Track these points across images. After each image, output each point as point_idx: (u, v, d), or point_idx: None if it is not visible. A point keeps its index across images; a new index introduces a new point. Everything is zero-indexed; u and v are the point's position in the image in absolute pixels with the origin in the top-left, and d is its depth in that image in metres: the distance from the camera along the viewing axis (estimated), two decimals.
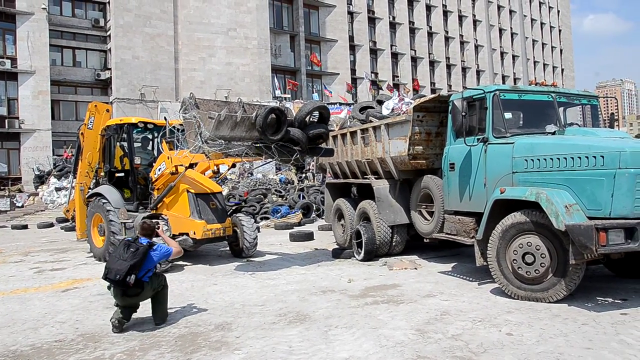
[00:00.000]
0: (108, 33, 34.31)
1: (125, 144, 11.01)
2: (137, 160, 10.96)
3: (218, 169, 10.71)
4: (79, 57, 34.68)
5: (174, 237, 9.55)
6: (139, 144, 11.54)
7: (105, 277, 5.63)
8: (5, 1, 29.98)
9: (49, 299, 7.33)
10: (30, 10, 30.26)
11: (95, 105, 11.51)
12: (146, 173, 10.86)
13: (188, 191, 9.88)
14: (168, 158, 9.86)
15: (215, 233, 9.76)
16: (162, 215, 9.94)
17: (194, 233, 9.54)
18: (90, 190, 11.30)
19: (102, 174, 11.33)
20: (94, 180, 11.56)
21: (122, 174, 11.00)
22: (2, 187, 27.48)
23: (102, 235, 10.58)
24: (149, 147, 11.76)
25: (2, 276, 9.29)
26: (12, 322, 6.16)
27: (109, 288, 5.78)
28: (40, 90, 30.71)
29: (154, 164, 10.53)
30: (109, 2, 34.20)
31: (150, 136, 11.61)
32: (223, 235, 10.04)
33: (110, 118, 11.67)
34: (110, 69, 33.74)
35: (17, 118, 30.09)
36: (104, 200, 10.40)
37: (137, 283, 5.61)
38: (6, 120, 29.74)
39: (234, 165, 10.95)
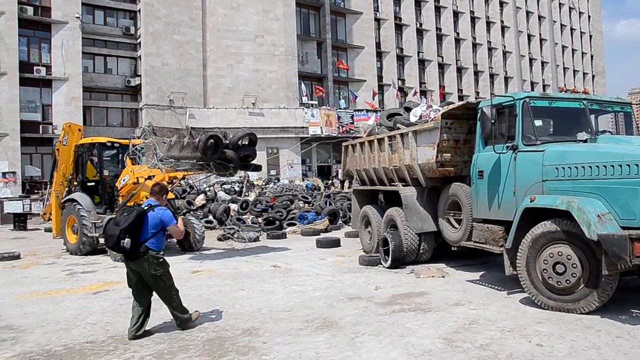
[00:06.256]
0: (138, 40, 35.01)
1: (95, 159, 13.33)
2: (106, 172, 13.27)
3: (171, 180, 12.61)
4: (110, 64, 35.41)
5: None
6: (108, 159, 13.72)
7: (105, 246, 5.80)
8: (41, 11, 30.84)
9: (80, 300, 7.50)
10: (65, 19, 31.02)
11: (69, 126, 13.48)
12: (112, 183, 12.79)
13: (147, 197, 11.16)
14: (131, 171, 11.82)
15: None
16: None
17: None
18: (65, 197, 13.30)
19: (75, 183, 13.35)
20: (67, 189, 13.48)
21: (93, 183, 13.23)
22: (36, 191, 28.10)
23: (75, 234, 12.62)
24: (116, 162, 13.82)
25: (36, 277, 9.53)
26: (45, 322, 6.32)
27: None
28: (73, 96, 31.43)
29: (118, 176, 12.45)
30: (139, 11, 34.91)
31: (115, 152, 13.71)
32: None
33: (82, 137, 13.72)
34: (140, 75, 34.40)
35: (51, 124, 30.81)
36: (77, 205, 12.35)
37: (137, 246, 5.42)
38: (40, 126, 30.47)
39: (183, 178, 13.40)
